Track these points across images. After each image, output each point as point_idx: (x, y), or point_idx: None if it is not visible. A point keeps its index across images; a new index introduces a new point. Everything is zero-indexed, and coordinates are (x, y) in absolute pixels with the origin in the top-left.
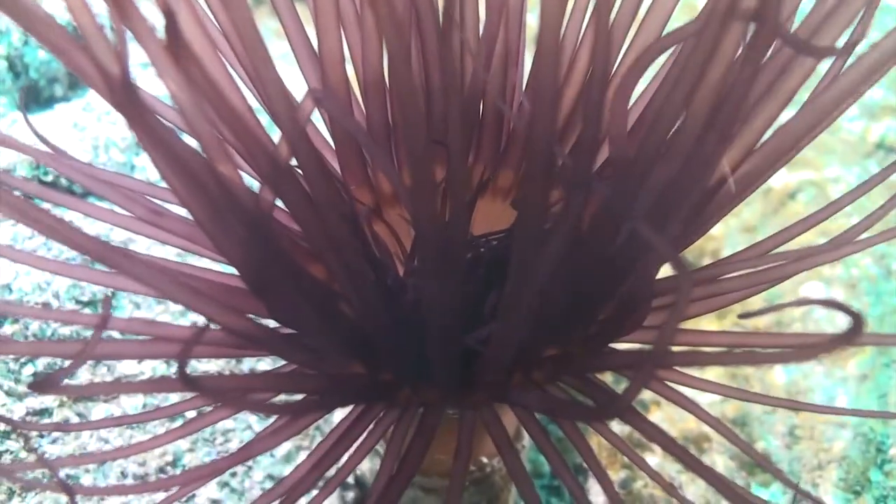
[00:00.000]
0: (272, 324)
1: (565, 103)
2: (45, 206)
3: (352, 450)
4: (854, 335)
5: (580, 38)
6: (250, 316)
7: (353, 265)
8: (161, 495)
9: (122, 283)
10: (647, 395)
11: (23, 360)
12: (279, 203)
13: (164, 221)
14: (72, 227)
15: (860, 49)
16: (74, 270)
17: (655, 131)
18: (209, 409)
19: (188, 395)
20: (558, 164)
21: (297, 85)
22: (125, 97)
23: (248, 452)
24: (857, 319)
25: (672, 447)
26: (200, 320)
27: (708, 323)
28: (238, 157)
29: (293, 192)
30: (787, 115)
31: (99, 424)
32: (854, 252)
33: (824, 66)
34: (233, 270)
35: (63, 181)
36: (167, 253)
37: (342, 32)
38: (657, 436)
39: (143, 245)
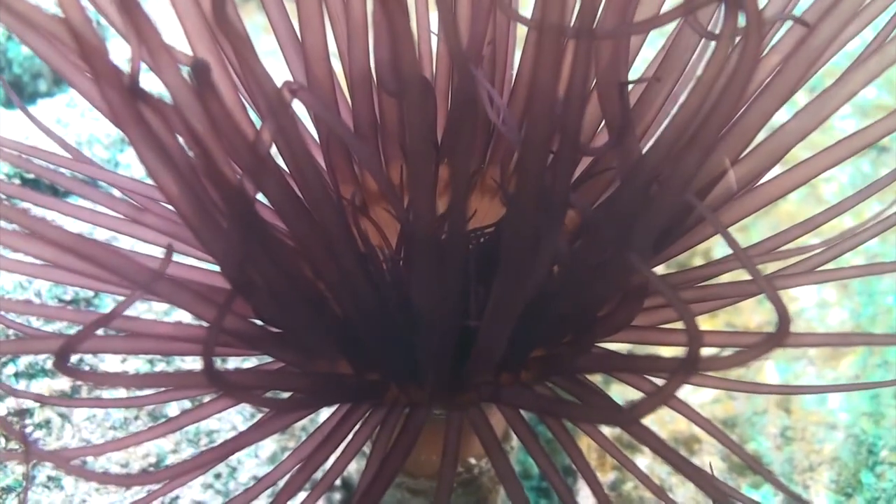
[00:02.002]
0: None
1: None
2: (25, 205)
3: (338, 451)
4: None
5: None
6: (237, 314)
7: (342, 262)
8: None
9: (105, 285)
10: (637, 396)
11: (3, 359)
12: (266, 202)
13: (147, 218)
14: (52, 225)
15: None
16: (55, 273)
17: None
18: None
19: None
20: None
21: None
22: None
23: (233, 446)
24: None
25: (662, 450)
26: (185, 319)
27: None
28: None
29: (280, 187)
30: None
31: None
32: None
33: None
34: (217, 269)
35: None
36: (151, 253)
37: (329, 27)
38: (648, 438)
39: (126, 245)
